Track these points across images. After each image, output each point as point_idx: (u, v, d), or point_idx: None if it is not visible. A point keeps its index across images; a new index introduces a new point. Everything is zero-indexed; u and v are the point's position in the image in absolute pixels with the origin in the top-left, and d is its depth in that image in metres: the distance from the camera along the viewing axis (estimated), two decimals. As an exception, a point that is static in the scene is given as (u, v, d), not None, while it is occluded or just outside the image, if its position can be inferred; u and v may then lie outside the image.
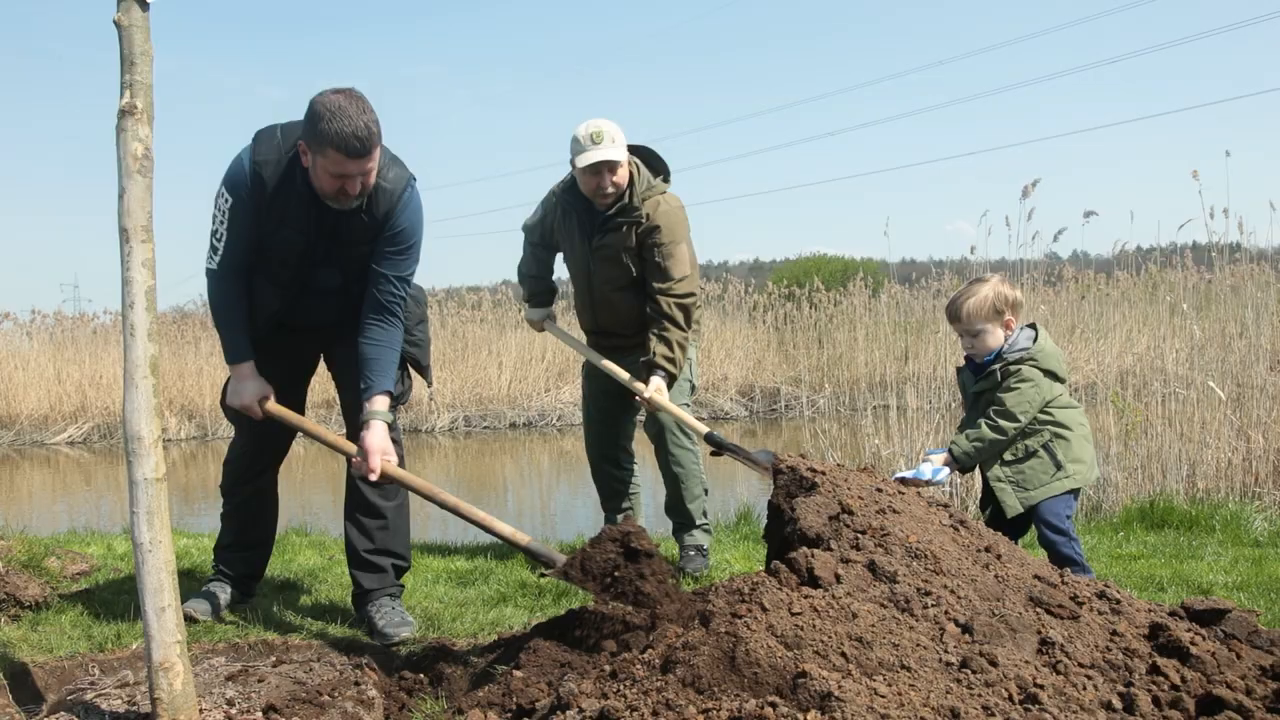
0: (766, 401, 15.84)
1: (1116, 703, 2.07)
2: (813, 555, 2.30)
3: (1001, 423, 3.50)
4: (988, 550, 2.58)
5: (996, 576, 2.47)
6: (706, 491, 4.66)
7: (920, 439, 6.74)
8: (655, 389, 4.17)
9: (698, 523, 4.60)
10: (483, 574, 4.38)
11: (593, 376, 4.67)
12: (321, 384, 6.42)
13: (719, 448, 4.03)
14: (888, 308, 14.81)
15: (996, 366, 3.59)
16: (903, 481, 3.45)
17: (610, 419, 4.70)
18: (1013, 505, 3.53)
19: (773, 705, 1.90)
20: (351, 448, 3.38)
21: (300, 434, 3.75)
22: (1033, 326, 3.70)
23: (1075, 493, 3.62)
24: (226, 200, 3.40)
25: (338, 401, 3.99)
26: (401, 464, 3.51)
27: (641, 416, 4.70)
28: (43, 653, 3.34)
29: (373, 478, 3.32)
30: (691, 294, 4.29)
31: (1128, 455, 6.43)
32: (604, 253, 4.33)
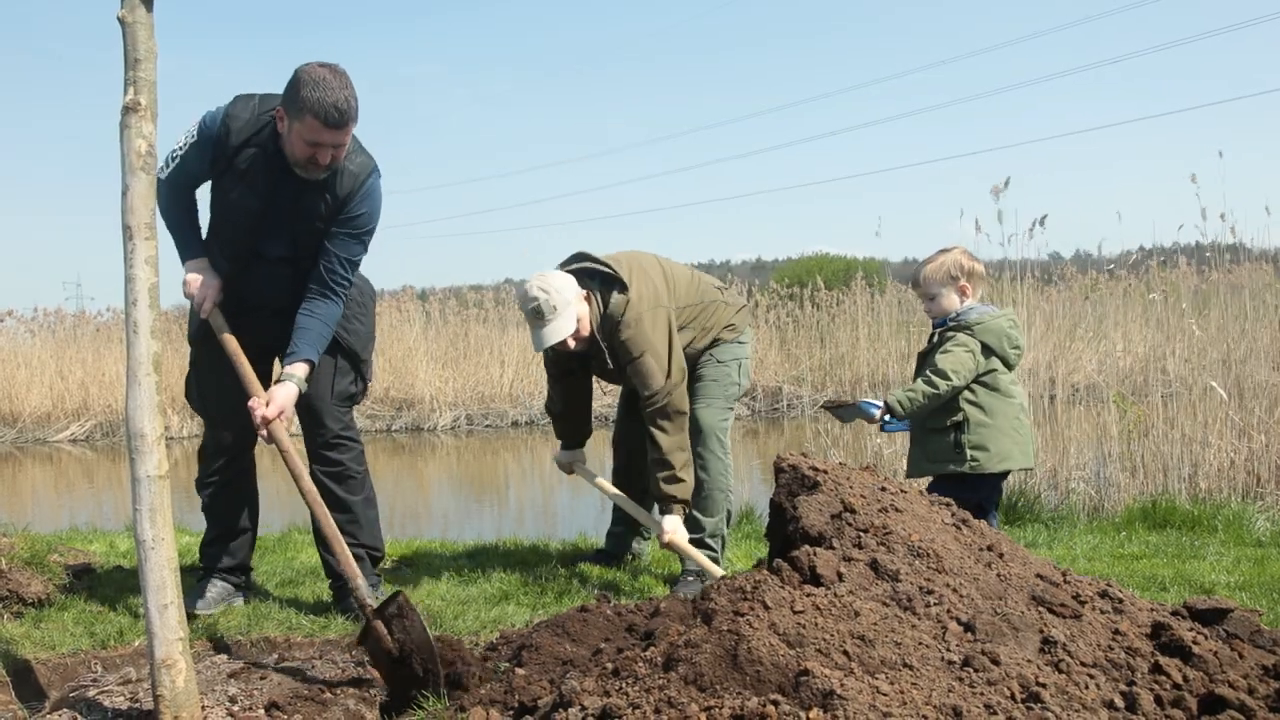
0: (768, 400, 15.85)
1: (1119, 702, 2.07)
2: (815, 553, 2.30)
3: (935, 379, 3.71)
4: (990, 549, 2.58)
5: (999, 575, 2.47)
6: (731, 515, 4.43)
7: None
8: (670, 531, 3.95)
9: (706, 541, 4.27)
10: (484, 572, 4.38)
11: None
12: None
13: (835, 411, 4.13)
14: (889, 307, 14.80)
15: (940, 330, 3.88)
16: (835, 409, 4.00)
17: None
18: (913, 469, 3.93)
19: (775, 703, 1.90)
20: (261, 391, 3.43)
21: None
22: (1000, 308, 3.93)
23: (986, 478, 3.79)
24: (192, 135, 3.53)
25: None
26: (360, 464, 3.82)
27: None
28: (45, 650, 3.34)
29: (262, 430, 3.38)
30: (669, 392, 4.01)
31: (1129, 455, 6.43)
32: (596, 365, 4.23)
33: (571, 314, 3.92)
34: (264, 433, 3.40)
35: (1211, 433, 6.38)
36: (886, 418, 3.85)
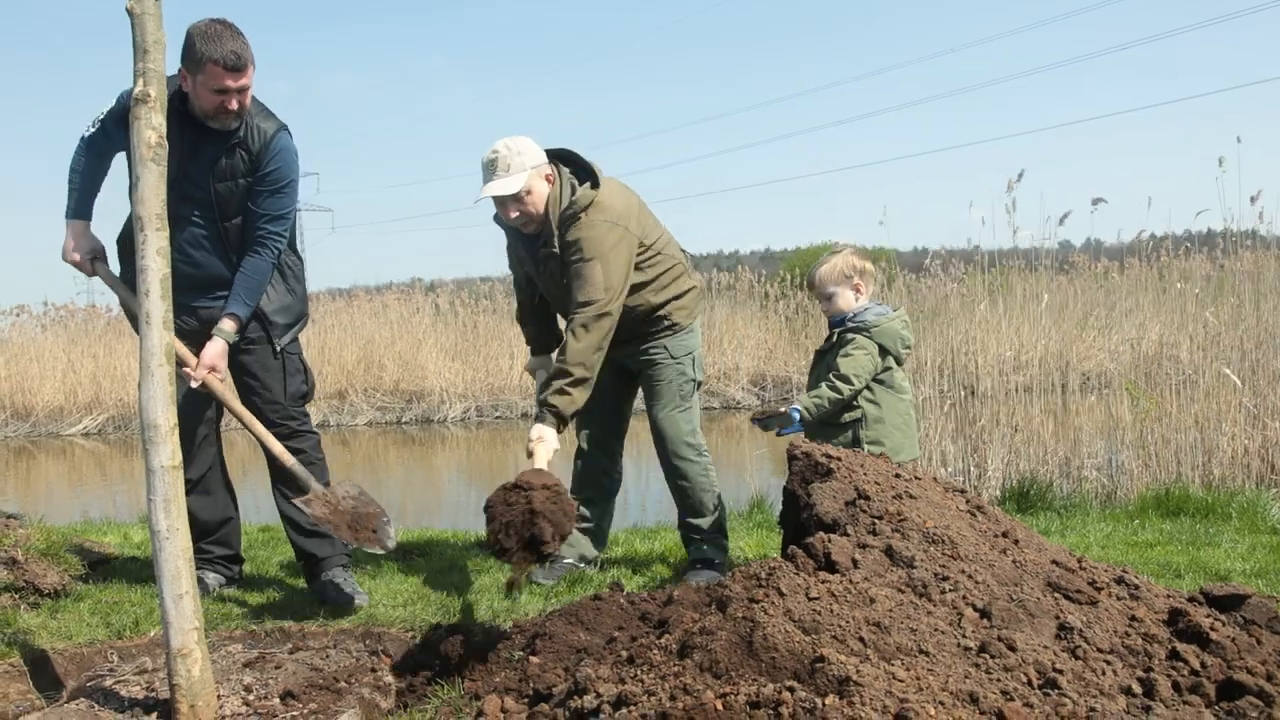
0: (778, 390, 15.82)
1: (1136, 688, 2.06)
2: (829, 540, 2.29)
3: (839, 384, 3.86)
4: (1005, 535, 2.57)
5: (1014, 561, 2.46)
6: (721, 504, 4.30)
7: (933, 423, 6.71)
8: (535, 439, 3.60)
9: (711, 539, 4.24)
10: (496, 562, 4.38)
11: None
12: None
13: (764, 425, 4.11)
14: (898, 295, 14.75)
15: (838, 330, 4.01)
16: (763, 420, 4.02)
17: (608, 401, 4.24)
18: None
19: (790, 690, 1.90)
20: (190, 357, 3.59)
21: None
22: (895, 309, 4.06)
23: None
24: (108, 108, 3.68)
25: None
26: (319, 452, 3.94)
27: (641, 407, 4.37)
28: (62, 639, 3.36)
29: (194, 384, 3.58)
30: (604, 310, 3.78)
31: (1142, 443, 6.40)
32: (546, 274, 4.04)
33: (522, 179, 3.78)
34: (197, 385, 3.59)
35: (1225, 420, 6.35)
36: (788, 430, 3.97)
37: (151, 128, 2.81)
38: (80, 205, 3.76)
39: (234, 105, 3.60)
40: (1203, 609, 2.46)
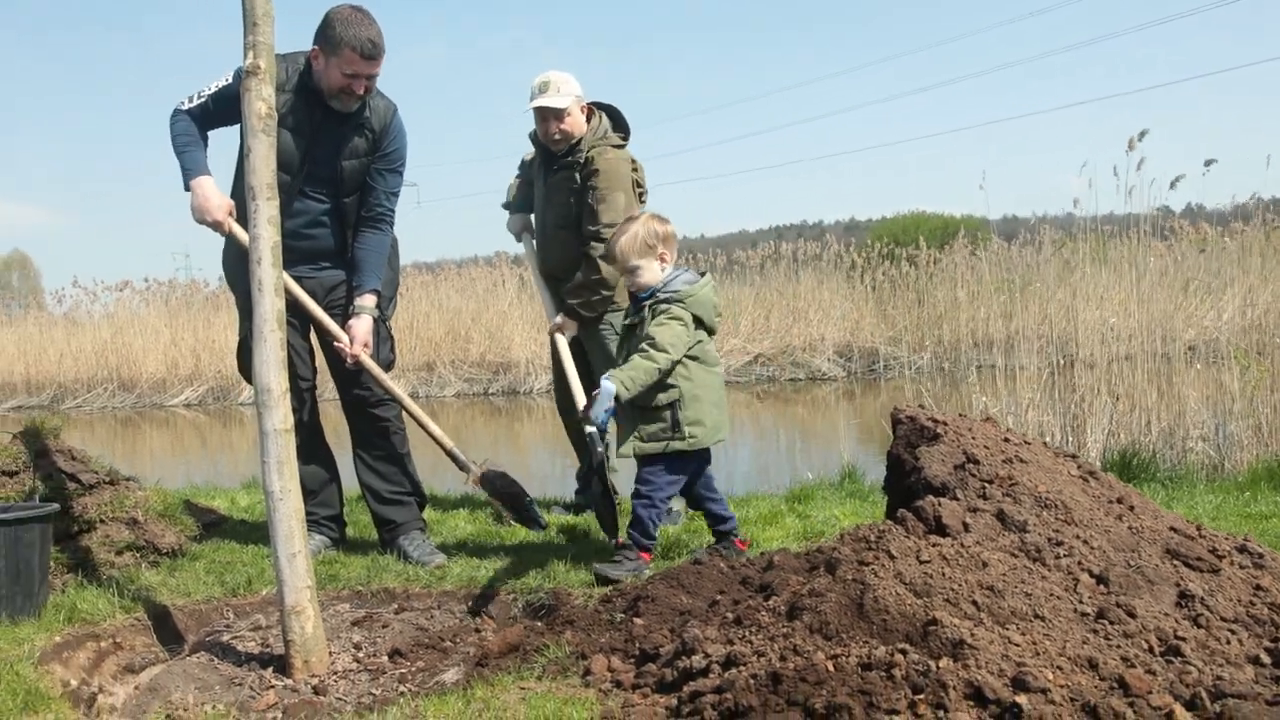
0: (865, 361, 15.63)
1: (1264, 658, 2.00)
2: (940, 503, 2.26)
3: (654, 353, 3.53)
4: (1120, 501, 2.51)
5: (1130, 528, 2.40)
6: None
7: (1029, 396, 6.56)
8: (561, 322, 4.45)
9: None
10: (591, 529, 4.43)
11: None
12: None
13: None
14: (990, 265, 14.41)
15: (648, 303, 3.69)
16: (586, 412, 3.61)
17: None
18: (625, 451, 3.70)
19: (903, 652, 1.88)
20: (341, 333, 3.82)
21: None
22: (703, 274, 3.78)
23: (688, 456, 3.66)
24: (227, 81, 3.71)
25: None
26: (402, 421, 4.11)
27: None
28: (181, 596, 3.50)
29: (350, 363, 3.81)
30: None
31: (1252, 413, 6.16)
32: (553, 192, 4.53)
33: (567, 100, 4.37)
34: (352, 364, 3.82)
35: (1341, 388, 6.07)
36: (605, 413, 3.51)
37: (261, 99, 2.88)
38: (200, 162, 3.73)
39: (360, 90, 3.75)
40: (1331, 579, 2.36)
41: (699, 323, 3.65)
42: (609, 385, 3.43)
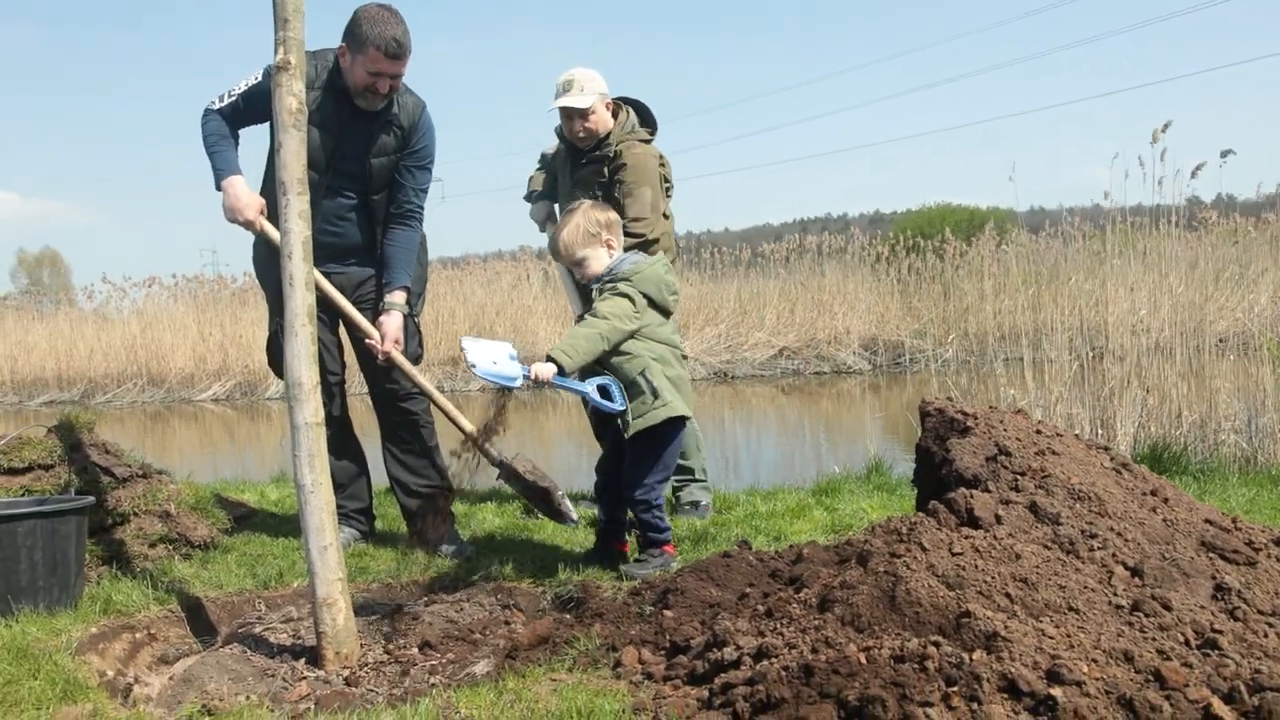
0: (890, 354, 15.55)
1: (1303, 650, 1.98)
2: (972, 495, 2.25)
3: (593, 320, 3.47)
4: (1154, 494, 2.49)
5: (1165, 520, 2.38)
6: (700, 447, 4.74)
7: (1058, 389, 6.51)
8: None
9: (696, 477, 4.68)
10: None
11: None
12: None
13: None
14: (1016, 257, 14.29)
15: (596, 286, 3.66)
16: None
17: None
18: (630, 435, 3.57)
19: (936, 644, 1.87)
20: (371, 328, 3.82)
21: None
22: (652, 255, 3.76)
23: (674, 427, 3.58)
24: (258, 78, 3.74)
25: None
26: (430, 415, 4.10)
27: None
28: (214, 589, 3.54)
29: (382, 360, 3.81)
30: (643, 235, 4.30)
31: (1286, 405, 6.08)
32: (580, 186, 4.52)
33: (591, 99, 4.37)
34: (383, 361, 3.82)
35: (1377, 380, 5.98)
36: (592, 393, 3.52)
37: (292, 94, 2.89)
38: (231, 162, 3.74)
39: (384, 89, 3.75)
40: (1370, 572, 2.33)
41: (651, 303, 3.57)
42: (548, 362, 3.43)
